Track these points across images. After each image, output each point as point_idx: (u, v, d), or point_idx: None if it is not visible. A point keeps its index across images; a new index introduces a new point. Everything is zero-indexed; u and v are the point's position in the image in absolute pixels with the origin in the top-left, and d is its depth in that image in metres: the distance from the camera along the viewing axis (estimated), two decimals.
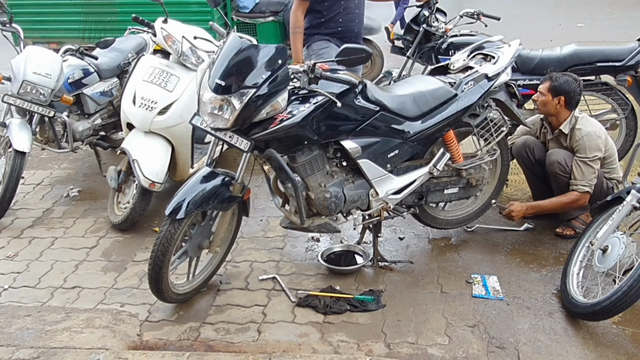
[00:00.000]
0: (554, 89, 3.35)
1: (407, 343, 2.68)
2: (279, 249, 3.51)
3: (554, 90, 3.34)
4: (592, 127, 3.36)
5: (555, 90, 3.34)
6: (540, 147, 3.58)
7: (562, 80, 3.35)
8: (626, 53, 3.95)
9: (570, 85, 3.34)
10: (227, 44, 2.60)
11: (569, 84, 3.34)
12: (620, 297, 2.58)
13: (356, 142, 2.84)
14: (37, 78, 3.85)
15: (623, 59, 3.93)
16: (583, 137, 3.31)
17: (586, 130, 3.32)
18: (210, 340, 2.74)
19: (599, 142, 3.31)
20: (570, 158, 3.36)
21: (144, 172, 3.50)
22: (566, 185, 3.38)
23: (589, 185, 3.28)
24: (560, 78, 3.35)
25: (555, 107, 3.38)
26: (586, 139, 3.30)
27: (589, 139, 3.30)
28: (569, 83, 3.34)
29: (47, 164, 4.92)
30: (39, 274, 3.33)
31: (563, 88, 3.33)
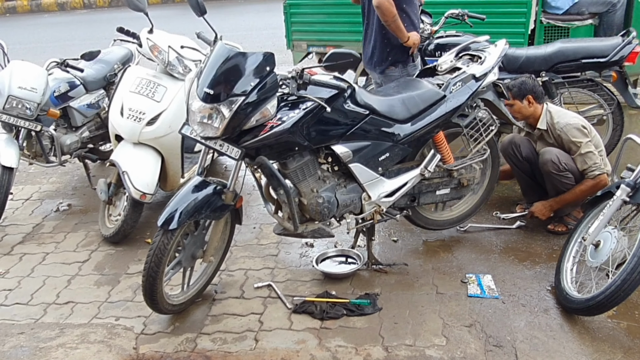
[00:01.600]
0: (517, 94, 3.48)
1: (405, 345, 2.69)
2: (273, 255, 3.51)
3: (517, 95, 3.48)
4: (567, 117, 3.43)
5: (518, 94, 3.47)
6: (527, 143, 3.61)
7: (518, 83, 3.49)
8: (610, 49, 3.99)
9: (526, 84, 3.47)
10: (214, 52, 2.60)
11: (525, 83, 3.48)
12: (614, 291, 2.60)
13: (347, 146, 2.85)
14: (23, 92, 3.83)
15: (607, 55, 3.97)
16: (563, 131, 3.38)
17: (563, 123, 3.40)
18: (207, 351, 2.73)
19: (580, 129, 3.36)
20: (563, 156, 3.38)
21: (134, 184, 3.49)
22: (558, 183, 3.40)
23: (597, 167, 3.33)
24: (515, 84, 3.50)
25: (529, 108, 3.48)
26: (567, 131, 3.37)
27: (569, 131, 3.36)
28: (524, 82, 3.48)
29: (36, 179, 4.89)
30: (31, 290, 3.30)
31: (523, 88, 3.46)
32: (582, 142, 3.34)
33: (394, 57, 3.71)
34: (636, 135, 3.00)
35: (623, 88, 4.13)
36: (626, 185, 2.77)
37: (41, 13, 14.99)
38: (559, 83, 4.08)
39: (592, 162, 3.33)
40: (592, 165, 3.33)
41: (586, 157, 3.34)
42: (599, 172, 3.33)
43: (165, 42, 3.77)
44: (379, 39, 3.70)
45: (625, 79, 4.09)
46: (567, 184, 3.41)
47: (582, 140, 3.34)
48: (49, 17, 14.36)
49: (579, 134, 3.35)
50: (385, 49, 3.71)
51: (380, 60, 3.75)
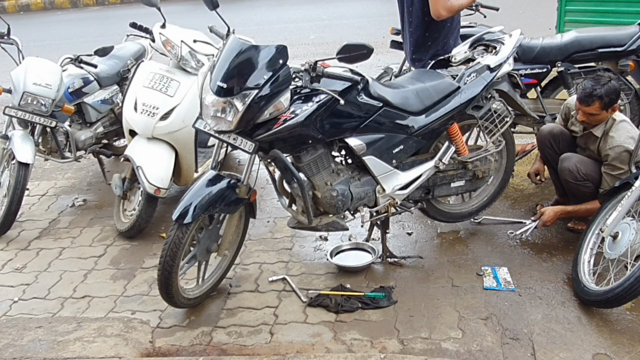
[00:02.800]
0: (607, 104, 3.09)
1: (421, 338, 2.67)
2: (288, 249, 3.51)
3: (607, 105, 3.10)
4: (626, 136, 3.09)
5: (608, 104, 3.10)
6: (568, 138, 3.42)
7: (610, 91, 3.06)
8: (627, 38, 3.92)
9: (617, 90, 3.09)
10: (227, 46, 2.59)
11: (617, 90, 3.09)
12: (633, 283, 2.57)
13: (361, 139, 2.83)
14: (38, 89, 3.86)
15: (624, 44, 3.91)
16: (614, 149, 3.09)
17: (619, 141, 3.08)
18: (223, 344, 2.74)
19: (628, 155, 3.07)
20: (583, 165, 3.21)
21: (148, 179, 3.50)
22: (577, 191, 3.26)
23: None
24: (606, 91, 3.05)
25: (608, 116, 3.17)
26: (617, 151, 3.08)
27: (619, 153, 3.08)
28: (616, 89, 3.08)
29: (51, 175, 4.94)
30: (48, 284, 3.33)
31: (612, 98, 3.07)
32: (622, 169, 3.08)
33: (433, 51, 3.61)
34: None
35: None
36: None
37: (54, 10, 15.08)
38: (575, 73, 4.02)
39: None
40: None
41: (613, 178, 3.10)
42: None
43: (178, 37, 3.77)
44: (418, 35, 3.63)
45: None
46: (586, 192, 3.23)
47: (624, 168, 3.08)
48: (62, 15, 14.44)
49: (624, 161, 3.08)
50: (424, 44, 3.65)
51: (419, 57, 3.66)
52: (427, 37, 3.56)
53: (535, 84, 4.07)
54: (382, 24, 8.45)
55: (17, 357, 2.66)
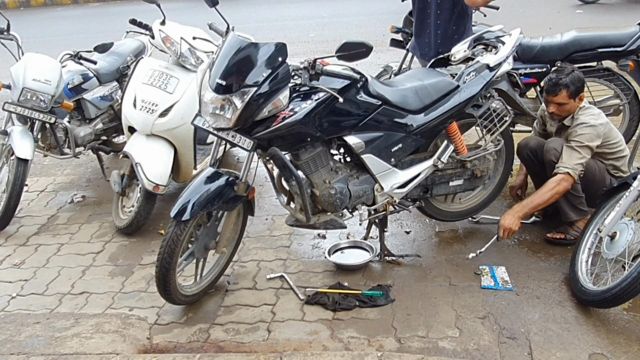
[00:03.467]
0: (574, 92, 3.17)
1: (418, 337, 2.67)
2: (286, 247, 3.51)
3: (574, 93, 3.17)
4: (589, 117, 3.18)
5: (575, 92, 3.17)
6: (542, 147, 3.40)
7: (575, 80, 3.16)
8: (627, 38, 3.92)
9: (581, 78, 3.19)
10: (226, 43, 2.59)
11: (580, 79, 3.18)
12: (630, 283, 2.56)
13: (359, 137, 2.83)
14: (37, 85, 3.85)
15: (624, 44, 3.90)
16: (576, 126, 3.18)
17: (581, 119, 3.19)
18: (220, 341, 2.74)
19: (591, 131, 3.13)
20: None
21: (147, 175, 3.50)
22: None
23: (571, 168, 3.08)
24: (571, 80, 3.15)
25: (578, 104, 3.24)
26: (579, 127, 3.16)
27: (581, 128, 3.15)
28: (579, 78, 3.18)
29: (50, 171, 4.93)
30: (47, 280, 3.33)
31: (580, 85, 3.17)
32: (580, 143, 3.11)
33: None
34: None
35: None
36: None
37: (55, 6, 15.06)
38: None
39: (573, 161, 3.10)
40: (569, 163, 3.10)
41: (572, 153, 3.11)
42: (570, 172, 3.08)
43: (178, 34, 3.76)
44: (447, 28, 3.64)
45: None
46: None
47: (583, 142, 3.10)
48: (62, 11, 14.42)
49: (585, 136, 3.12)
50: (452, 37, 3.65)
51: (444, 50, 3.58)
52: (454, 30, 3.63)
53: (534, 84, 4.06)
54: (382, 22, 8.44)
55: (14, 353, 2.66)
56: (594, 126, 3.14)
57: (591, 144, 3.13)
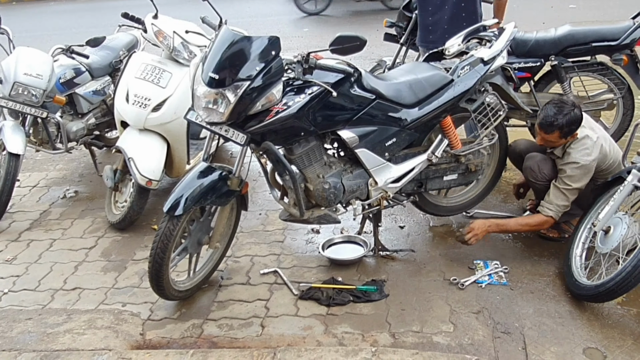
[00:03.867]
0: (567, 133, 2.99)
1: (412, 332, 2.66)
2: (279, 242, 3.49)
3: (567, 134, 3.00)
4: (581, 153, 3.00)
5: (567, 134, 3.00)
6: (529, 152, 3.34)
7: (571, 121, 2.95)
8: (621, 32, 3.90)
9: (578, 120, 2.97)
10: (219, 37, 2.56)
11: (577, 121, 2.97)
12: (624, 278, 2.56)
13: (353, 131, 2.81)
14: (29, 79, 3.81)
15: (618, 38, 3.89)
16: (567, 164, 3.02)
17: (572, 157, 3.01)
18: (213, 337, 2.73)
19: (581, 172, 3.00)
20: (546, 166, 3.16)
21: (140, 170, 3.47)
22: (538, 191, 3.23)
23: (555, 210, 3.03)
24: (567, 121, 2.94)
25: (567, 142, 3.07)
26: (569, 167, 3.01)
27: (571, 168, 3.00)
28: (577, 119, 2.97)
29: (43, 166, 4.89)
30: (39, 276, 3.30)
31: (572, 127, 2.97)
32: (570, 186, 3.01)
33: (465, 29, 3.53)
34: None
35: (634, 72, 4.04)
36: (637, 171, 2.73)
37: (47, 1, 14.94)
38: (568, 67, 4.00)
39: (558, 202, 3.03)
40: (554, 205, 3.04)
41: (559, 195, 3.03)
42: (553, 214, 3.04)
43: (170, 28, 3.73)
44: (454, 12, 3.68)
45: (637, 62, 4.00)
46: (544, 192, 3.15)
47: (573, 185, 3.01)
48: (55, 5, 14.32)
49: (576, 178, 3.00)
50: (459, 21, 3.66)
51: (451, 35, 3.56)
52: (463, 17, 3.67)
53: (528, 78, 4.05)
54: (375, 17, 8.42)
55: (6, 349, 2.63)
56: (584, 165, 2.99)
57: (579, 185, 3.02)
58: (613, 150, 3.14)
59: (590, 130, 3.08)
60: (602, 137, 3.11)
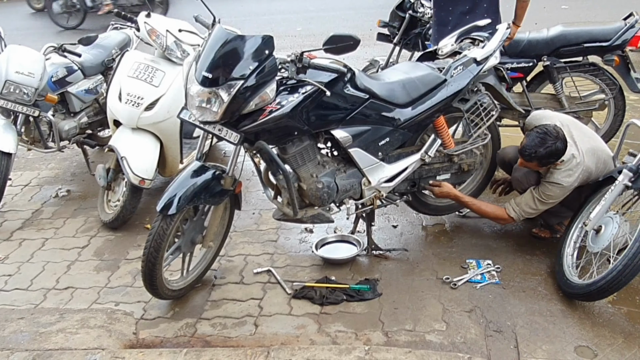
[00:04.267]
0: (545, 164, 3.01)
1: (405, 330, 2.67)
2: (273, 241, 3.49)
3: (545, 164, 3.01)
4: (564, 175, 2.97)
5: (546, 164, 3.01)
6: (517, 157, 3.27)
7: (550, 153, 2.92)
8: (613, 33, 3.93)
9: (559, 152, 2.93)
10: (212, 36, 2.56)
11: (557, 153, 2.94)
12: (615, 277, 2.58)
13: (347, 131, 2.81)
14: (20, 77, 3.79)
15: (610, 39, 3.92)
16: (548, 182, 3.01)
17: (555, 177, 2.98)
18: (207, 336, 2.72)
19: (560, 192, 2.99)
20: (532, 176, 3.15)
21: (133, 169, 3.46)
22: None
23: (517, 214, 3.08)
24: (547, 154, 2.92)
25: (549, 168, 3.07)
26: (549, 185, 3.00)
27: (552, 186, 2.99)
28: (557, 152, 2.93)
29: (35, 165, 4.86)
30: (31, 275, 3.28)
31: (551, 160, 2.97)
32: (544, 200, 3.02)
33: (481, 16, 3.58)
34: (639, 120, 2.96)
35: (625, 72, 4.07)
36: (628, 170, 2.75)
37: None
38: (560, 67, 4.03)
39: (524, 207, 3.06)
40: (520, 208, 3.07)
41: (529, 201, 3.05)
42: (514, 216, 3.09)
43: (163, 26, 3.72)
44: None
45: (628, 63, 4.04)
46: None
47: (545, 200, 3.01)
48: None
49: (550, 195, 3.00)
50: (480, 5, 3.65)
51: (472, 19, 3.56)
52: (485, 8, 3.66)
53: (521, 78, 4.07)
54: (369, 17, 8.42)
55: None
56: (564, 187, 2.98)
57: (554, 202, 3.03)
58: (600, 163, 3.06)
59: (575, 149, 3.00)
60: (588, 151, 3.02)
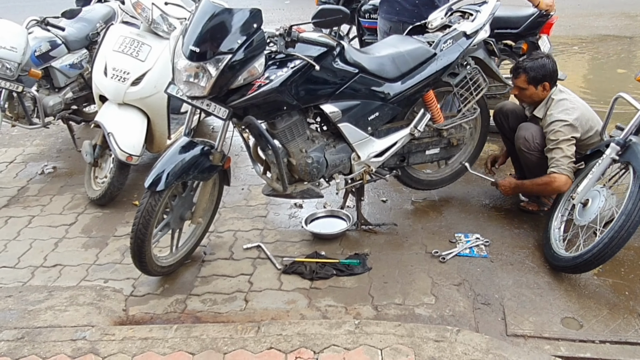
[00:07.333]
0: (533, 80, 3.10)
1: (395, 304, 2.69)
2: (262, 217, 3.48)
3: (534, 80, 3.11)
4: (561, 113, 3.05)
5: (536, 80, 3.11)
6: (516, 114, 3.40)
7: (537, 66, 3.08)
8: (522, 20, 3.91)
9: (546, 67, 3.09)
10: (199, 9, 2.50)
11: (545, 67, 3.09)
12: (601, 249, 2.61)
13: (336, 105, 2.79)
14: (2, 52, 3.71)
15: (519, 27, 3.90)
16: (550, 124, 3.06)
17: (555, 116, 3.05)
18: (197, 312, 2.73)
19: (567, 129, 3.02)
20: (538, 135, 3.15)
21: (120, 145, 3.42)
22: (532, 163, 3.21)
23: (563, 167, 3.00)
24: (533, 66, 3.08)
25: (542, 94, 3.16)
26: (553, 126, 3.04)
27: (557, 127, 3.03)
28: (544, 66, 3.09)
29: (19, 141, 4.80)
30: (18, 253, 3.26)
31: (541, 74, 3.09)
32: (557, 140, 3.02)
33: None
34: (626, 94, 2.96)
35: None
36: (616, 144, 2.76)
37: None
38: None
39: (561, 160, 3.02)
40: (554, 162, 3.03)
41: (556, 153, 3.03)
42: (557, 170, 3.00)
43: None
44: None
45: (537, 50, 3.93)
46: (536, 163, 3.18)
47: (558, 138, 3.02)
48: None
49: (559, 131, 3.02)
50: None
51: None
52: None
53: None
54: None
55: None
56: (567, 123, 3.02)
57: (568, 137, 3.02)
58: (592, 116, 3.17)
59: (568, 95, 3.15)
60: (580, 102, 3.17)
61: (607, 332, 2.47)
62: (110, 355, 2.34)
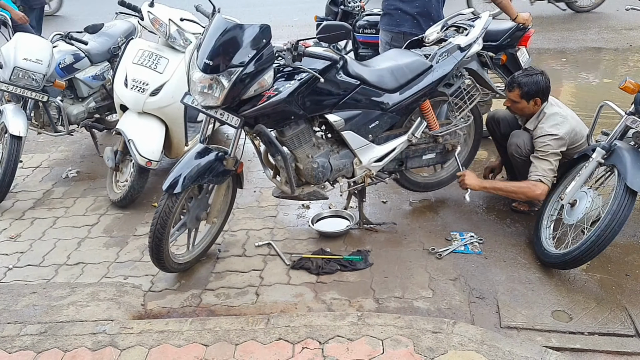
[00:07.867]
0: (526, 95, 3.08)
1: (395, 298, 2.70)
2: (273, 217, 3.50)
3: (527, 95, 3.08)
4: (552, 127, 3.04)
5: (528, 95, 3.08)
6: (507, 122, 3.39)
7: (531, 82, 3.06)
8: (501, 33, 3.89)
9: (539, 84, 3.06)
10: (212, 25, 2.53)
11: (538, 84, 3.06)
12: (589, 247, 2.62)
13: (339, 115, 2.81)
14: (28, 64, 3.73)
15: (499, 39, 3.88)
16: (540, 137, 3.05)
17: (545, 130, 3.04)
18: (211, 306, 2.74)
19: (555, 142, 3.01)
20: (529, 142, 3.14)
21: (140, 151, 3.44)
22: (522, 167, 3.19)
23: (543, 177, 2.99)
24: (527, 82, 3.06)
25: (533, 108, 3.13)
26: (542, 139, 3.04)
27: (546, 141, 3.02)
28: (537, 82, 3.06)
29: (45, 147, 4.82)
30: (43, 252, 3.27)
31: (534, 90, 3.07)
32: (547, 152, 3.01)
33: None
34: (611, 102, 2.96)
35: (505, 72, 3.93)
36: (602, 148, 2.76)
37: None
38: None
39: (543, 170, 3.00)
40: (540, 171, 3.01)
41: (540, 163, 3.02)
42: (542, 180, 2.99)
43: (166, 16, 3.67)
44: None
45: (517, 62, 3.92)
46: (527, 168, 3.11)
47: (547, 151, 3.01)
48: None
49: (548, 145, 3.02)
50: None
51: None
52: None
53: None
54: None
55: (11, 322, 2.60)
56: (556, 138, 3.01)
57: (555, 151, 3.02)
58: (581, 128, 3.17)
59: (559, 108, 3.14)
60: (570, 115, 3.16)
61: (596, 325, 2.47)
62: (129, 348, 2.36)
